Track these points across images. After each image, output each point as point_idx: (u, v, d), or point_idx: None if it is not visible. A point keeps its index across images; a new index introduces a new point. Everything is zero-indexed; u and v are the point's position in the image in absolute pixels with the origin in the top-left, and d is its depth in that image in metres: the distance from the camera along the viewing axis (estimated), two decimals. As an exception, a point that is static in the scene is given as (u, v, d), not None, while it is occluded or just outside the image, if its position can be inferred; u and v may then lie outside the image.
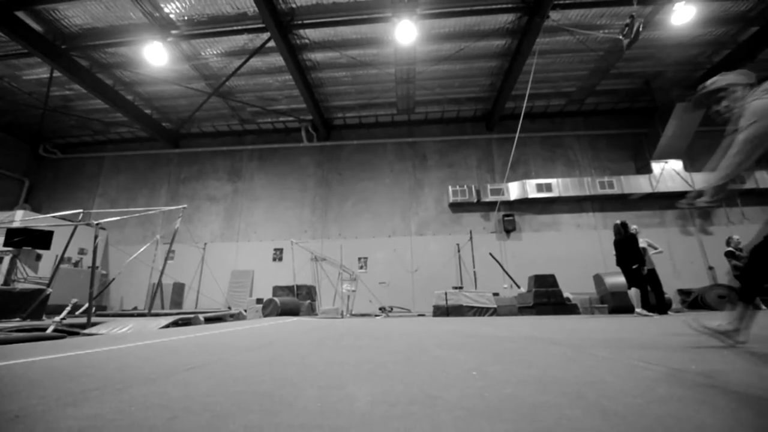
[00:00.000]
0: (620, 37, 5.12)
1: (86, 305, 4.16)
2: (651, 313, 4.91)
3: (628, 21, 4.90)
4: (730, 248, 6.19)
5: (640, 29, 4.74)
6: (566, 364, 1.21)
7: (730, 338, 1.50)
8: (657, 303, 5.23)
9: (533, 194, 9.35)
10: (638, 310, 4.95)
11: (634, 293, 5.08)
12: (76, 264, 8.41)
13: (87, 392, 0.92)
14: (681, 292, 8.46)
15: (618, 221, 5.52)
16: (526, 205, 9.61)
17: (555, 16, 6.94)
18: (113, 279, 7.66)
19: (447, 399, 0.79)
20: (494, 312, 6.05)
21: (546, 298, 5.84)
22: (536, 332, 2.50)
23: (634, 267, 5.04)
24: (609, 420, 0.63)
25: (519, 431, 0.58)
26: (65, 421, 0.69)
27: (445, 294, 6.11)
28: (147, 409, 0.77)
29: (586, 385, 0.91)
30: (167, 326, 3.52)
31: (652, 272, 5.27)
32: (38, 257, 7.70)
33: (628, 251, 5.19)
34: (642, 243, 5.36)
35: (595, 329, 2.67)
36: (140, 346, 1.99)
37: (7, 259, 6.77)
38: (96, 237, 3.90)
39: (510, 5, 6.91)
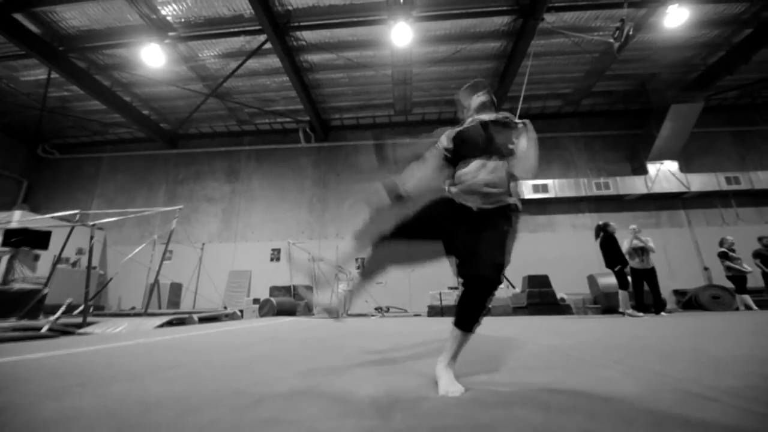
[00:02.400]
0: (611, 40, 5.17)
1: (83, 305, 4.20)
2: (640, 313, 4.97)
3: (618, 24, 4.96)
4: (723, 249, 6.24)
5: (630, 32, 4.80)
6: (533, 363, 1.26)
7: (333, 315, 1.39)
8: (653, 302, 5.27)
9: (529, 195, 9.40)
10: (629, 311, 5.01)
11: (622, 295, 5.14)
12: (74, 264, 8.45)
13: (69, 388, 0.96)
14: (676, 292, 8.51)
15: (600, 222, 5.58)
16: (522, 205, 9.65)
17: (550, 19, 6.98)
18: (110, 279, 7.69)
19: (406, 397, 0.83)
20: (488, 312, 6.09)
21: (539, 298, 5.89)
22: (519, 332, 2.55)
23: (616, 269, 5.11)
24: (549, 414, 0.67)
25: (454, 426, 0.63)
26: (44, 413, 0.74)
27: (440, 294, 6.15)
28: (123, 403, 0.81)
29: (543, 385, 0.95)
30: (161, 326, 3.57)
31: (652, 271, 5.30)
32: (36, 257, 7.75)
33: (609, 252, 5.26)
34: (640, 243, 5.38)
35: (581, 330, 2.72)
36: (130, 345, 2.03)
37: (5, 259, 6.82)
38: (92, 237, 3.94)
39: (505, 8, 6.95)
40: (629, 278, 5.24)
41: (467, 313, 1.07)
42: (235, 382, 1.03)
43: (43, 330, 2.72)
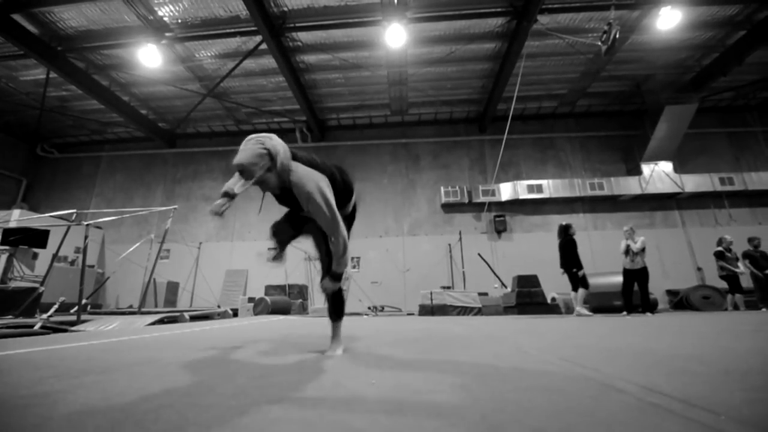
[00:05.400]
0: (599, 43, 5.22)
1: (82, 303, 4.27)
2: (591, 313, 5.20)
3: (606, 28, 5.01)
4: (720, 248, 6.25)
5: (617, 36, 4.84)
6: (491, 361, 1.33)
7: None
8: (641, 302, 5.33)
9: (524, 195, 9.46)
10: (578, 308, 5.16)
11: (579, 295, 5.29)
12: (72, 263, 8.55)
13: (45, 379, 1.04)
14: (669, 292, 8.57)
15: (562, 222, 5.69)
16: (517, 205, 9.72)
17: (543, 20, 7.03)
18: (108, 278, 7.80)
19: (349, 386, 0.90)
20: (479, 311, 6.17)
21: (528, 298, 5.96)
22: (496, 331, 2.62)
23: (574, 271, 5.26)
24: (474, 405, 0.74)
25: (374, 410, 0.70)
26: (13, 400, 0.81)
27: (431, 294, 6.23)
28: (89, 391, 0.89)
29: (481, 377, 1.02)
30: (152, 324, 3.66)
31: (642, 271, 5.36)
32: (35, 256, 7.84)
33: (566, 254, 5.39)
34: (627, 242, 5.45)
35: (556, 329, 2.79)
36: (115, 342, 2.11)
37: (4, 258, 6.91)
38: (86, 237, 4.02)
39: (499, 9, 7.00)
40: (583, 282, 5.45)
41: None
42: (199, 376, 1.10)
43: (36, 327, 2.80)
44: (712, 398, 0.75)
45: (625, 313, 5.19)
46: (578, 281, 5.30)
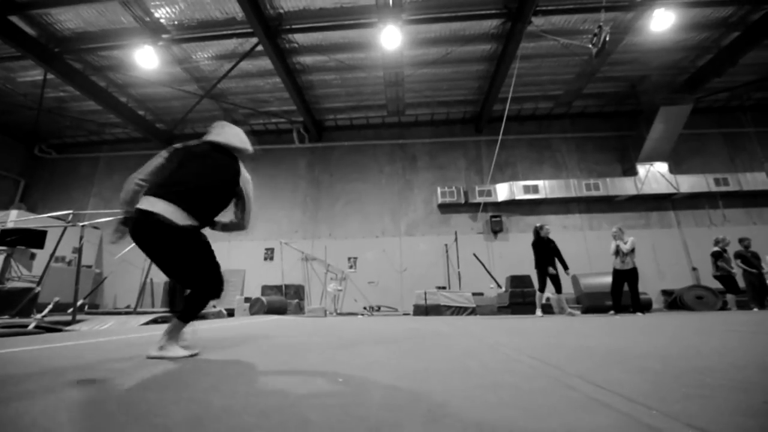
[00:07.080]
0: (590, 45, 5.27)
1: (79, 303, 4.31)
2: (538, 311, 5.31)
3: (596, 30, 5.05)
4: (718, 248, 6.30)
5: (607, 38, 4.89)
6: (463, 360, 1.37)
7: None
8: (631, 302, 5.38)
9: (520, 196, 9.49)
10: (539, 312, 5.22)
11: (538, 297, 5.34)
12: (69, 263, 8.58)
13: (27, 375, 1.08)
14: (664, 292, 8.62)
15: (537, 224, 5.77)
16: (513, 206, 9.76)
17: (538, 22, 7.07)
18: (105, 278, 7.84)
19: (316, 383, 0.95)
20: (473, 311, 6.22)
21: (521, 298, 6.01)
22: (480, 331, 2.66)
23: (543, 271, 5.32)
24: (425, 399, 0.79)
25: (326, 404, 0.74)
26: (-5, 396, 0.86)
27: (425, 294, 6.28)
28: (68, 388, 0.93)
29: (447, 374, 1.07)
30: (147, 323, 3.70)
31: (632, 272, 5.40)
32: (32, 256, 7.88)
33: (538, 254, 5.46)
34: (617, 242, 5.50)
35: (540, 329, 2.83)
36: (107, 341, 2.15)
37: (1, 258, 6.94)
38: (81, 237, 4.07)
39: (493, 11, 7.04)
40: (556, 283, 5.49)
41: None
42: (174, 373, 1.14)
43: (30, 327, 2.84)
44: (653, 395, 0.79)
45: (612, 312, 5.23)
46: (556, 282, 5.35)
